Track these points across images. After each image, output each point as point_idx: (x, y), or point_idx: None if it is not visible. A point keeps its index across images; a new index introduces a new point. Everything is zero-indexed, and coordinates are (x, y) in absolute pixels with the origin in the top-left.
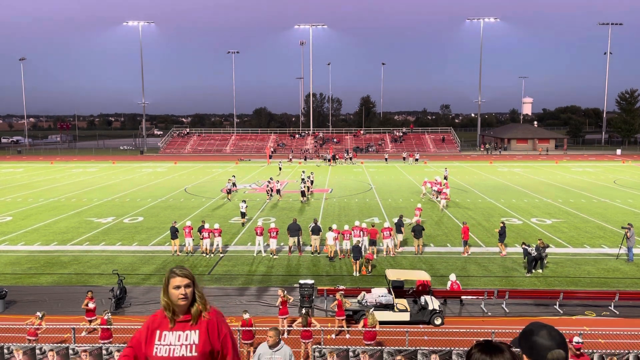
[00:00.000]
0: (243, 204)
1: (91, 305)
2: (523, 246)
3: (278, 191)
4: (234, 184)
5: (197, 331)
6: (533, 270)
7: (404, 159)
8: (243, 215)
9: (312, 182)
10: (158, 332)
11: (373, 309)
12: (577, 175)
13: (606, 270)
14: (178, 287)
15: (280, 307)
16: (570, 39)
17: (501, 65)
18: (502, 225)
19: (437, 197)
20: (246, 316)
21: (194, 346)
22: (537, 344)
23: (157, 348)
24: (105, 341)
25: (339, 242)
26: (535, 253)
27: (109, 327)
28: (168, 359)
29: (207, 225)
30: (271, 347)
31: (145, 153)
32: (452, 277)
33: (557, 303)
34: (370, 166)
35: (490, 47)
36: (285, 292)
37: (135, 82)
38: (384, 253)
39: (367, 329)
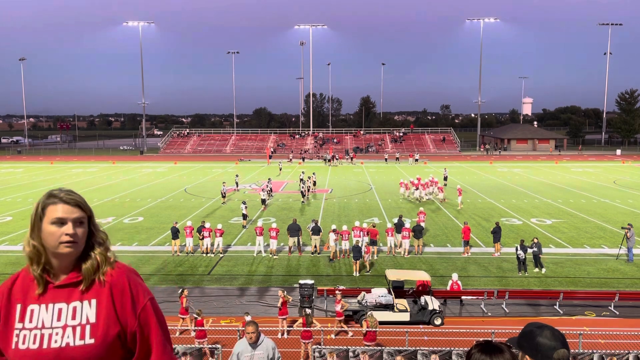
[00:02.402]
0: (243, 205)
1: None
2: (522, 244)
3: (263, 201)
4: (236, 183)
5: (94, 302)
6: (524, 272)
7: (397, 159)
8: (244, 217)
9: (314, 182)
10: (20, 306)
11: (372, 310)
12: (576, 176)
13: (606, 271)
14: (62, 222)
15: (281, 307)
16: (570, 39)
17: (501, 66)
18: (496, 224)
19: (418, 196)
20: (248, 318)
21: (87, 328)
22: (542, 345)
23: (18, 336)
24: None
25: (338, 242)
26: (522, 254)
27: None
28: (39, 354)
29: (207, 225)
30: (252, 344)
31: (145, 153)
32: (454, 276)
33: (557, 303)
34: (370, 166)
35: (490, 47)
36: (286, 292)
37: (135, 82)
38: (402, 254)
39: (369, 329)
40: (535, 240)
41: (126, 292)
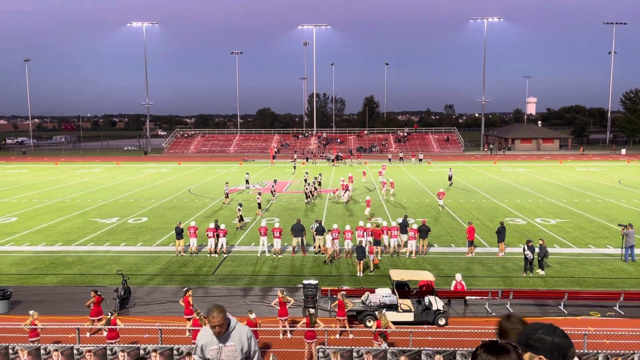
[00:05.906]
0: (239, 207)
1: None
2: (529, 244)
3: (259, 205)
4: (247, 181)
5: None
6: (529, 272)
7: (401, 159)
8: (240, 219)
9: (319, 183)
10: None
11: (385, 309)
12: (581, 175)
13: (611, 271)
14: None
15: (279, 307)
16: (575, 39)
17: (505, 65)
18: (500, 224)
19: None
20: (252, 316)
21: None
22: (558, 345)
23: None
24: (112, 341)
25: (338, 242)
26: (530, 254)
27: (115, 327)
28: None
29: (211, 225)
30: (218, 335)
31: (149, 154)
32: (458, 277)
33: (562, 303)
34: (373, 166)
35: (494, 46)
36: (285, 293)
37: (139, 83)
38: (407, 254)
39: (379, 329)
40: (541, 243)
41: None
